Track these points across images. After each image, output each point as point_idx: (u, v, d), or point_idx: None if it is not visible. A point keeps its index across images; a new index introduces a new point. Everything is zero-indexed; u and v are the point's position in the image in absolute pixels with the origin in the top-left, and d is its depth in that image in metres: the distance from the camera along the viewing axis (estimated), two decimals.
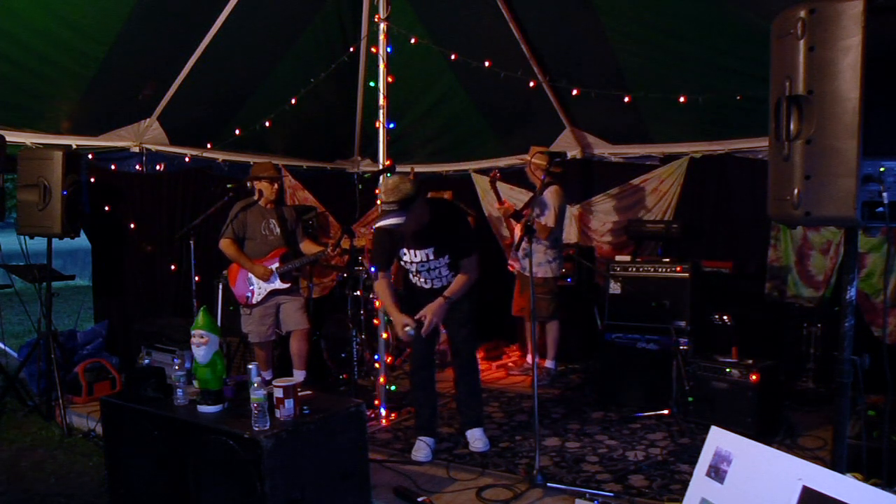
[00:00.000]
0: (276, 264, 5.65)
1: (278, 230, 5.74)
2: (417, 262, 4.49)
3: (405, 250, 4.48)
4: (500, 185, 6.62)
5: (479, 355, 5.00)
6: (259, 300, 5.68)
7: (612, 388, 5.65)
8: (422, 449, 4.50)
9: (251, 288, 5.68)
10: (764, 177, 2.89)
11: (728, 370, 4.82)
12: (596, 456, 4.50)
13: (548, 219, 6.10)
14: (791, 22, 2.56)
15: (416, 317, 4.36)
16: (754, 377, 4.67)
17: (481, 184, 8.19)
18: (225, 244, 5.64)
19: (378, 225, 4.18)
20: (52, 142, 6.07)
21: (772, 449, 2.33)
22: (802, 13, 2.52)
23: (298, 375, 5.71)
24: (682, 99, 5.87)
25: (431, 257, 4.43)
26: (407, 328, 4.29)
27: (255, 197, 5.72)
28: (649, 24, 5.67)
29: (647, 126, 6.87)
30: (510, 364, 7.16)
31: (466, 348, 4.72)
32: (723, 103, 5.87)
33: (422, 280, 4.58)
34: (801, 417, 5.15)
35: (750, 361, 4.82)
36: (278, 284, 5.67)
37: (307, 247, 5.89)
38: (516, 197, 7.49)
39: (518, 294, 6.73)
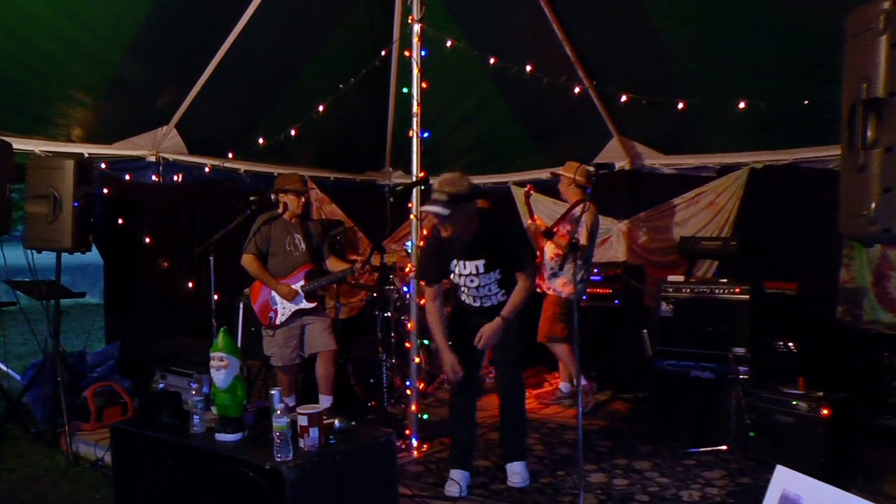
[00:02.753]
0: (302, 282, 5.66)
1: (303, 246, 5.75)
2: (466, 276, 4.49)
3: (455, 262, 4.49)
4: (542, 198, 6.57)
5: None
6: (283, 321, 5.68)
7: (664, 420, 5.58)
8: (455, 483, 4.46)
9: (275, 308, 5.69)
10: (834, 189, 2.83)
11: (794, 403, 4.71)
12: (646, 495, 4.42)
13: (580, 237, 6.05)
14: (871, 16, 2.50)
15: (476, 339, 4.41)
16: (825, 411, 4.56)
17: (521, 197, 8.16)
18: (248, 260, 5.66)
19: (423, 208, 4.26)
20: (63, 150, 6.16)
21: (851, 495, 2.24)
22: (886, 5, 2.46)
23: (325, 401, 5.69)
24: (741, 105, 5.80)
25: (481, 270, 4.43)
26: (457, 373, 4.25)
27: (280, 210, 5.75)
28: (704, 26, 5.64)
29: (701, 135, 6.81)
30: (544, 392, 7.09)
31: (511, 371, 4.70)
32: (787, 109, 5.78)
33: (471, 298, 4.58)
34: (883, 459, 4.98)
35: (820, 394, 4.71)
36: (304, 304, 5.67)
37: (333, 264, 5.90)
38: (558, 211, 7.43)
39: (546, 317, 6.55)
